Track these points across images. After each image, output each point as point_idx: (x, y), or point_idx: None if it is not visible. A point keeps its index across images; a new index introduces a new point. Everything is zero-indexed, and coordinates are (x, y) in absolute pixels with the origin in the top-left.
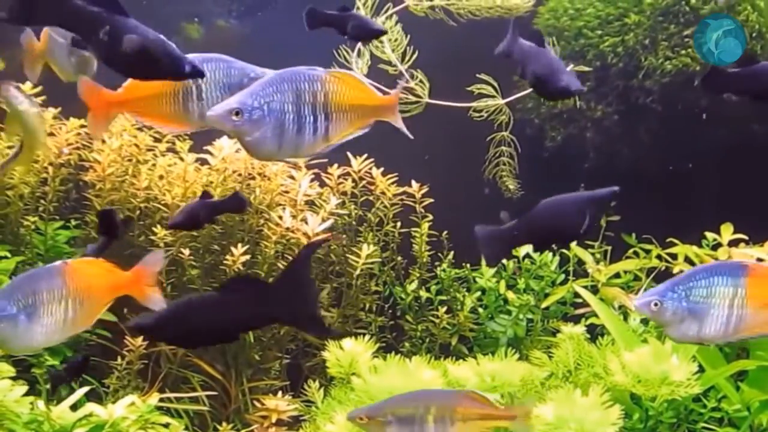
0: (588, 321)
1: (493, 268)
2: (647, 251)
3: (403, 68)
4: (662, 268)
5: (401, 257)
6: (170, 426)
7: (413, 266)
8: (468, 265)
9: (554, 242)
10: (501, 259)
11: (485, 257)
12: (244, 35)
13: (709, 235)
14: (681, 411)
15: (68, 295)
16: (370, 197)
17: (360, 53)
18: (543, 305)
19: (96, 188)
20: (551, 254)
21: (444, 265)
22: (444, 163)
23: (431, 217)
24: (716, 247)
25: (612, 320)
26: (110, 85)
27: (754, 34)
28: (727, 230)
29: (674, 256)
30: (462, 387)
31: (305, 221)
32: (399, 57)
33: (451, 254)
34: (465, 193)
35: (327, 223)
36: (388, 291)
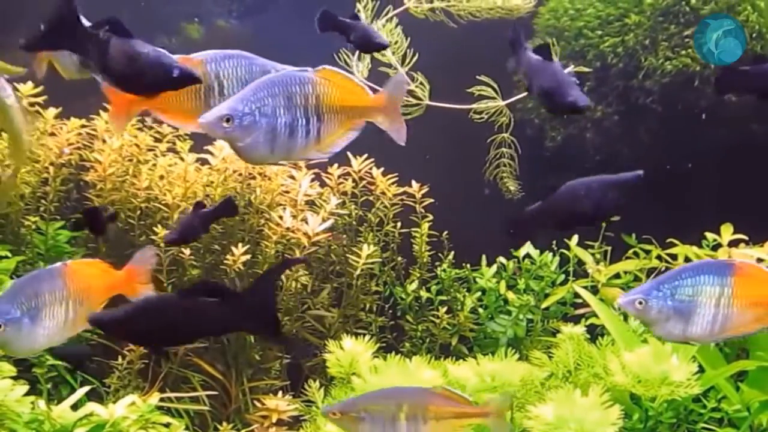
0: (588, 321)
1: (494, 268)
2: (647, 252)
3: (404, 71)
4: (662, 269)
5: (401, 257)
6: (171, 426)
7: (413, 266)
8: (468, 266)
9: (577, 224)
10: (525, 242)
11: (511, 239)
12: (245, 35)
13: (709, 236)
14: (681, 411)
15: (69, 297)
16: (371, 197)
17: (360, 56)
18: (543, 305)
19: (97, 188)
20: (551, 254)
21: (444, 266)
22: (444, 164)
23: (431, 217)
24: (716, 248)
25: (612, 320)
26: None
27: (754, 35)
28: (727, 230)
29: (674, 257)
30: (462, 387)
31: (305, 221)
32: (399, 60)
33: (452, 254)
34: (465, 194)
35: (327, 223)
36: (389, 291)
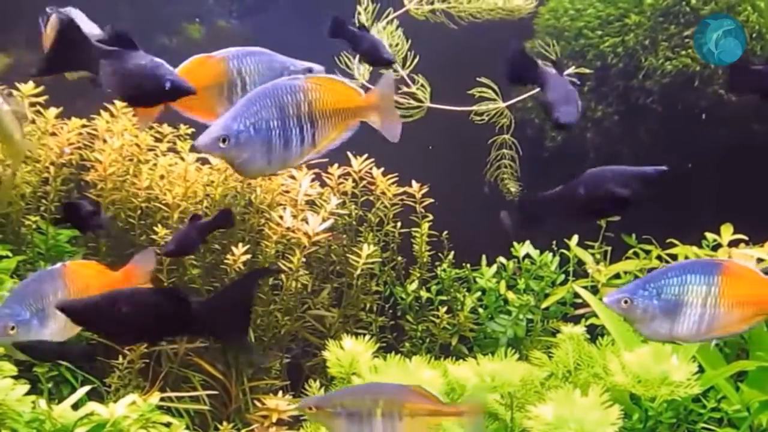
0: (588, 321)
1: (494, 268)
2: (647, 252)
3: (404, 73)
4: None
5: (402, 257)
6: (171, 425)
7: (413, 266)
8: (468, 265)
9: (592, 213)
10: (537, 227)
11: (521, 225)
12: (245, 35)
13: (709, 236)
14: (680, 411)
15: (69, 297)
16: (371, 197)
17: (360, 59)
18: (543, 305)
19: (97, 188)
20: (551, 254)
21: (444, 265)
22: (444, 164)
23: (431, 217)
24: (716, 248)
25: (612, 320)
26: None
27: (754, 35)
28: (727, 231)
29: (674, 257)
30: (462, 387)
31: (306, 221)
32: (400, 62)
33: (452, 254)
34: (465, 194)
35: (327, 223)
36: (389, 291)
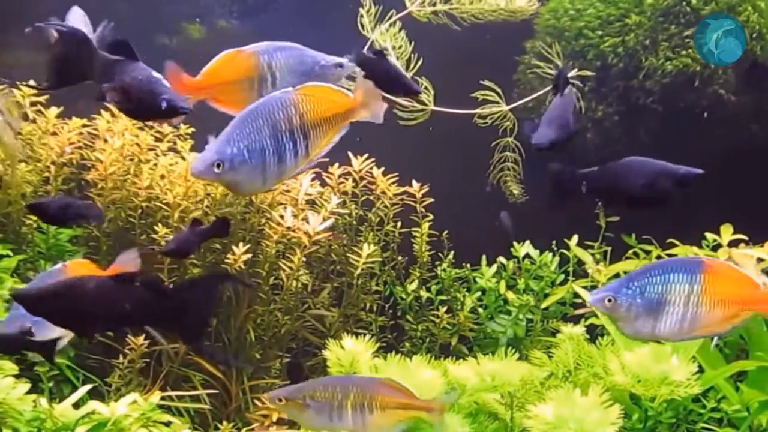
0: (588, 321)
1: (494, 268)
2: (647, 252)
3: (408, 76)
4: None
5: (402, 257)
6: (172, 424)
7: (414, 266)
8: (468, 265)
9: (622, 201)
10: (565, 203)
11: (553, 198)
12: (246, 35)
13: (709, 236)
14: (680, 411)
15: None
16: (371, 197)
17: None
18: (543, 305)
19: (98, 187)
20: (551, 254)
21: (444, 265)
22: (444, 164)
23: (431, 217)
24: (716, 248)
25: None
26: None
27: (755, 35)
28: (727, 231)
29: (674, 257)
30: (462, 386)
31: (306, 220)
32: (404, 65)
33: (452, 254)
34: (465, 194)
35: (328, 223)
36: (389, 291)
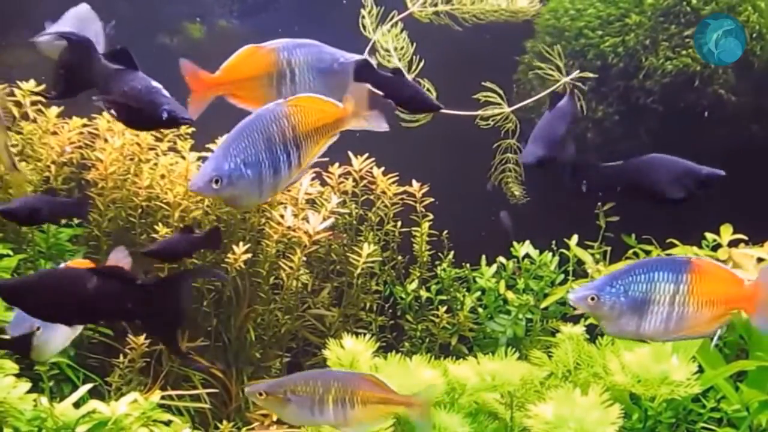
0: (587, 321)
1: (494, 267)
2: (647, 252)
3: (410, 77)
4: None
5: (402, 257)
6: (172, 423)
7: (413, 266)
8: (468, 265)
9: (644, 196)
10: (587, 194)
11: (572, 188)
12: (246, 35)
13: (709, 236)
14: (680, 411)
15: None
16: (371, 196)
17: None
18: (542, 305)
19: (98, 187)
20: (551, 254)
21: (444, 265)
22: (444, 164)
23: (431, 217)
24: (716, 248)
25: None
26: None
27: (755, 35)
28: (727, 231)
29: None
30: (462, 386)
31: (306, 220)
32: (406, 66)
33: (452, 254)
34: (465, 194)
35: (328, 222)
36: (389, 290)
